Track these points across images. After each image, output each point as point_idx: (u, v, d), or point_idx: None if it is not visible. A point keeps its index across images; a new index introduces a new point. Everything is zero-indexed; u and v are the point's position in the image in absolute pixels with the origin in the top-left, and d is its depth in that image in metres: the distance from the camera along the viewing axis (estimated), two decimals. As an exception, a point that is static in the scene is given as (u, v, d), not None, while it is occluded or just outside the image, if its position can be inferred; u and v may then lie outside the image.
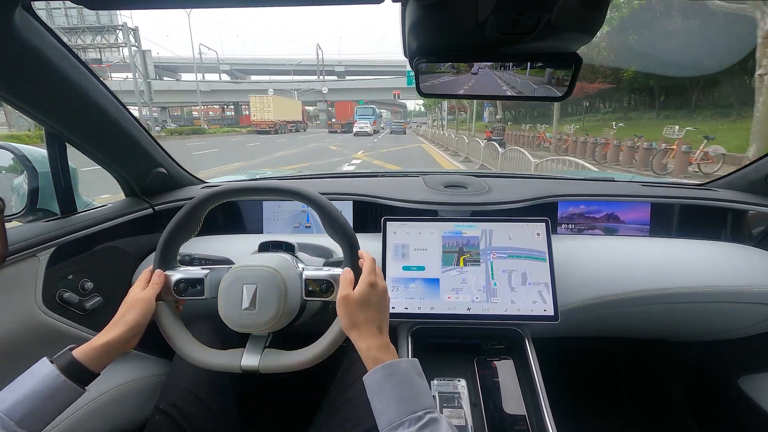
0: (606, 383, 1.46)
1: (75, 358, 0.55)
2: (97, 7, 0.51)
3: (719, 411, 1.17)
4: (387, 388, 0.52)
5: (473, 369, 0.85)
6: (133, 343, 0.62)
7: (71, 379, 0.54)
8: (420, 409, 0.49)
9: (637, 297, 0.91)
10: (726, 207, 1.09)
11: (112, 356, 0.59)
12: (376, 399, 0.52)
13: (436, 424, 0.48)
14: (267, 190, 0.70)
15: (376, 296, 0.60)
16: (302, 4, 0.56)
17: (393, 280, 0.89)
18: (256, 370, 0.64)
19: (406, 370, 0.53)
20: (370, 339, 0.57)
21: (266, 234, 1.17)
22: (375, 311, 0.59)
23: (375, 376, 0.53)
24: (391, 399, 0.51)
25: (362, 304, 0.58)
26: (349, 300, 0.58)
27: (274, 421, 1.25)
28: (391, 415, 0.50)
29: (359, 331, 0.57)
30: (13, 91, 0.69)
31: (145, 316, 0.63)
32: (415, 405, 0.50)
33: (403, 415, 0.49)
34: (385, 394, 0.51)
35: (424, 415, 0.49)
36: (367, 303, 0.58)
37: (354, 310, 0.58)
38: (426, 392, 0.53)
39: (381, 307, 0.60)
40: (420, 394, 0.52)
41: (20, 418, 0.49)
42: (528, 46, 0.53)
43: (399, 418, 0.49)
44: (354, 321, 0.58)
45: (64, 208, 0.88)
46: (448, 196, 1.07)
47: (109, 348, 0.58)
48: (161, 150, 1.08)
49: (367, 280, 0.60)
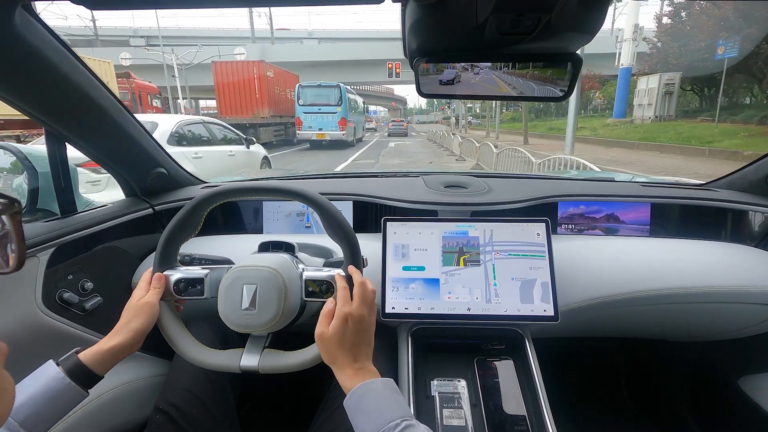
0: (606, 383, 1.46)
1: (81, 361, 0.56)
2: (96, 7, 0.51)
3: (719, 411, 1.17)
4: (363, 405, 0.55)
5: (473, 369, 0.85)
6: (137, 347, 0.63)
7: (76, 381, 0.54)
8: (397, 418, 0.52)
9: (637, 297, 0.91)
10: (726, 207, 1.09)
11: (117, 360, 0.60)
12: (356, 418, 0.54)
13: (412, 429, 0.50)
14: (268, 190, 0.70)
15: (351, 329, 0.60)
16: (302, 4, 0.57)
17: (393, 280, 0.89)
18: (256, 370, 0.65)
19: (379, 388, 0.56)
20: (345, 370, 0.59)
21: (266, 234, 1.17)
22: (350, 345, 0.60)
23: (352, 397, 0.56)
24: (368, 415, 0.53)
25: (338, 341, 0.59)
26: (324, 338, 0.60)
27: (273, 421, 1.25)
28: (370, 429, 0.52)
29: (336, 365, 0.60)
30: (13, 91, 0.69)
31: (150, 321, 0.64)
32: (392, 414, 0.52)
33: (381, 425, 0.51)
34: (362, 411, 0.54)
35: (400, 422, 0.51)
36: (342, 339, 0.59)
37: (330, 347, 0.60)
38: (401, 404, 0.55)
39: (357, 338, 0.60)
40: (394, 406, 0.54)
41: (24, 419, 0.49)
42: (528, 47, 0.53)
43: (379, 428, 0.51)
44: (330, 357, 0.60)
45: (64, 208, 0.89)
46: (448, 196, 1.07)
47: (115, 353, 0.59)
48: (161, 150, 1.08)
49: (341, 313, 0.60)
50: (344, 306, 0.61)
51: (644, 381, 1.42)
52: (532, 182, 1.24)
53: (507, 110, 30.74)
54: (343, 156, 13.06)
